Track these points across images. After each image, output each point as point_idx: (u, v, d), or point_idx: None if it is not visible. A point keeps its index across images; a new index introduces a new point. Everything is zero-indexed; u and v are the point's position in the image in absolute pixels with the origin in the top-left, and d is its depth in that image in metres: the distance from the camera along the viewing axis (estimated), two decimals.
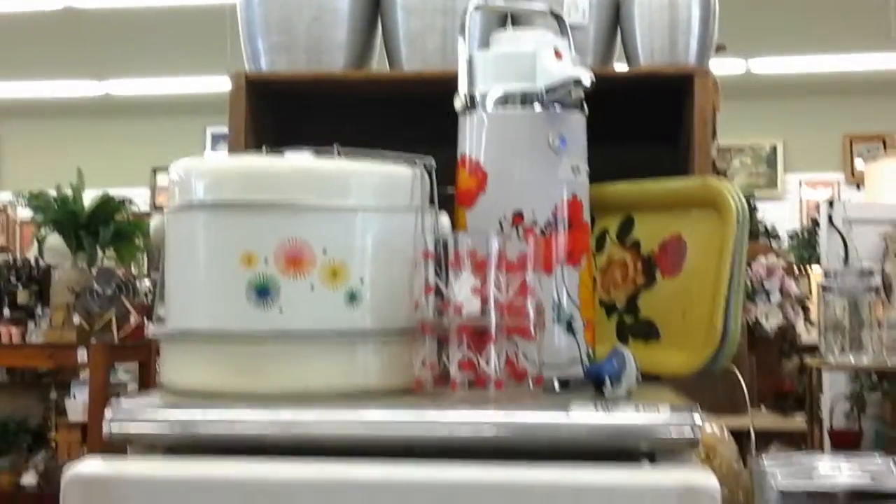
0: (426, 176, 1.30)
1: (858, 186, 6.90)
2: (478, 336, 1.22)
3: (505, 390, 1.21)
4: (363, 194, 1.24)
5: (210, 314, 1.24)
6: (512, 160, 1.33)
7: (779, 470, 1.38)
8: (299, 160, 1.25)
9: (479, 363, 1.21)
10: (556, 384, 1.31)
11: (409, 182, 1.28)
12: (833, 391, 4.36)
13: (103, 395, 4.81)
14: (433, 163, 1.32)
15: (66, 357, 4.83)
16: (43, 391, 5.36)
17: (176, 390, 1.25)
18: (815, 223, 5.27)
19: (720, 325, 1.35)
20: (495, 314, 1.21)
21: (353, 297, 1.23)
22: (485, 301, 1.21)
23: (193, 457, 1.09)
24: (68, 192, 4.95)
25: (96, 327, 4.88)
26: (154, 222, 1.32)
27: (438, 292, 1.24)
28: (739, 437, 2.14)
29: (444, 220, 1.32)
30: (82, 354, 4.79)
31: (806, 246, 5.55)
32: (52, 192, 4.95)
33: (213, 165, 1.27)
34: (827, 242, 4.40)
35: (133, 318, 5.01)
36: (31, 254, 5.55)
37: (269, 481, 1.05)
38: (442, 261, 1.25)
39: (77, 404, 5.08)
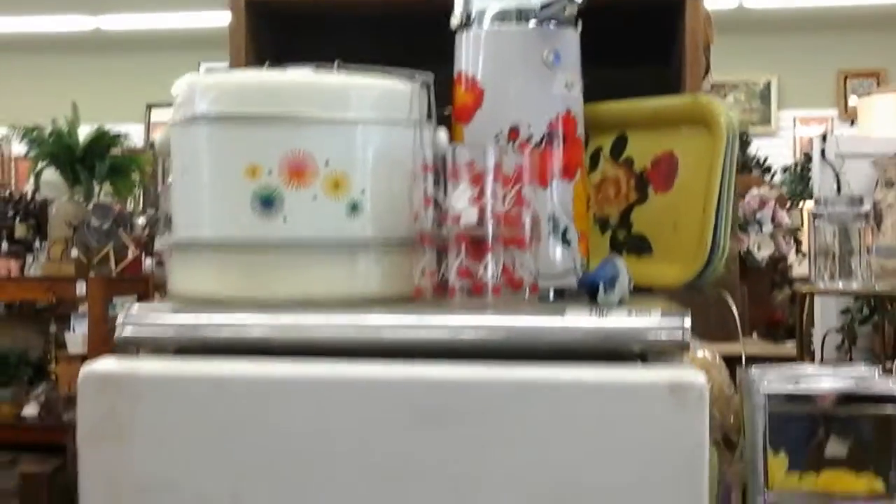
0: (425, 91, 1.34)
1: (852, 123, 6.92)
2: (475, 246, 1.26)
3: (502, 297, 1.25)
4: (363, 107, 1.27)
5: (216, 224, 1.28)
6: (507, 76, 1.36)
7: (766, 377, 1.43)
8: (301, 74, 1.28)
9: (476, 271, 1.25)
10: (551, 293, 1.35)
11: (409, 96, 1.31)
12: (824, 325, 4.42)
13: (103, 327, 4.87)
14: (431, 79, 1.35)
15: (65, 290, 4.88)
16: (42, 325, 5.40)
17: (183, 298, 1.29)
18: (808, 158, 5.30)
19: (710, 237, 1.39)
20: (492, 224, 1.25)
21: (354, 208, 1.27)
22: (482, 211, 1.25)
23: (202, 357, 1.14)
24: (63, 126, 4.96)
25: (94, 261, 4.92)
26: (159, 136, 1.35)
27: (437, 204, 1.28)
28: (731, 363, 2.19)
29: (442, 134, 1.35)
30: (81, 287, 4.84)
31: (798, 181, 5.59)
32: (47, 127, 4.96)
33: (217, 80, 1.30)
34: (819, 177, 4.43)
35: (131, 252, 5.05)
36: (28, 188, 5.56)
37: (275, 378, 1.10)
38: (440, 173, 1.29)
39: (76, 337, 5.13)
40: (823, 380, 1.43)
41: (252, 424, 1.09)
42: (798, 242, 4.08)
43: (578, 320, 1.18)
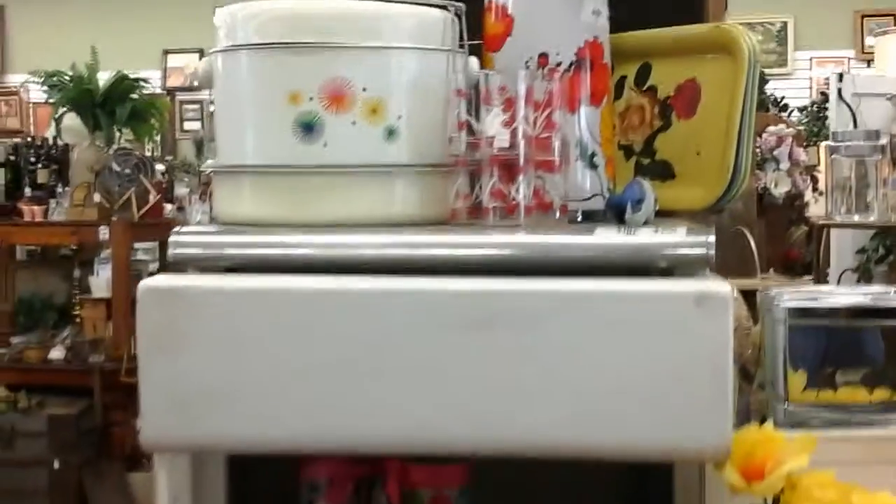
0: (457, 20, 1.38)
1: (869, 64, 6.91)
2: (508, 168, 1.32)
3: (533, 218, 1.31)
4: (399, 35, 1.32)
5: (259, 150, 1.33)
6: (536, 4, 1.41)
7: (786, 294, 1.49)
8: (339, 3, 1.33)
9: (509, 192, 1.31)
10: (580, 215, 1.41)
11: (442, 24, 1.36)
12: (840, 265, 4.47)
13: (126, 271, 4.95)
14: (463, 9, 1.39)
15: (89, 234, 4.96)
16: (66, 270, 5.49)
17: (227, 222, 1.35)
18: (825, 98, 5.32)
19: (732, 161, 1.44)
20: (524, 147, 1.31)
21: (391, 133, 1.32)
22: (514, 135, 1.31)
23: (251, 274, 1.20)
24: (83, 71, 5.00)
25: (116, 206, 4.98)
26: (202, 64, 1.40)
27: (470, 129, 1.33)
28: (749, 297, 2.25)
29: (474, 61, 1.40)
30: (104, 232, 4.91)
31: (815, 121, 5.60)
32: (67, 73, 5.00)
33: (258, 9, 1.34)
34: (836, 116, 4.46)
35: (152, 197, 5.12)
36: (49, 134, 5.62)
37: (324, 291, 1.16)
38: (473, 99, 1.34)
39: (100, 281, 5.21)
40: (840, 297, 1.48)
41: (302, 334, 1.15)
42: (815, 180, 4.12)
43: (608, 237, 1.24)
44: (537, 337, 1.15)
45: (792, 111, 5.30)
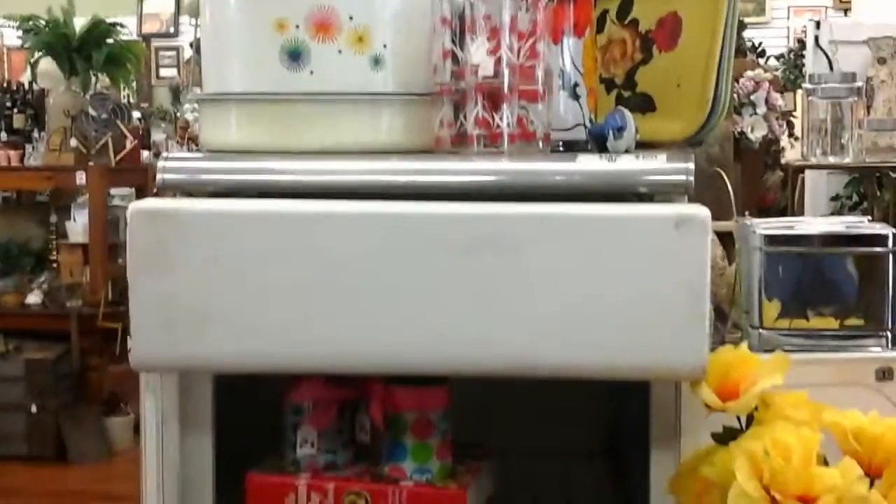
0: None
1: (846, 13, 6.93)
2: (492, 97, 1.33)
3: (516, 146, 1.33)
4: None
5: (246, 78, 1.34)
6: None
7: (762, 224, 1.52)
8: None
9: (493, 121, 1.33)
10: (561, 145, 1.43)
11: None
12: (814, 211, 4.52)
13: (103, 216, 4.94)
14: None
15: (66, 179, 4.94)
16: (42, 215, 5.47)
17: (214, 149, 1.37)
18: (802, 45, 5.34)
19: (712, 93, 1.47)
20: (508, 75, 1.32)
21: (377, 62, 1.34)
22: (498, 63, 1.32)
23: (238, 199, 1.22)
24: (59, 16, 4.96)
25: (93, 151, 4.96)
26: None
27: (455, 58, 1.35)
28: (724, 239, 2.28)
29: None
30: (81, 177, 4.90)
31: (792, 68, 5.63)
32: (42, 18, 4.96)
33: None
34: (813, 63, 4.48)
35: (129, 143, 5.10)
36: (24, 79, 5.57)
37: (312, 214, 1.18)
38: (458, 28, 1.35)
39: (77, 226, 5.20)
40: (815, 226, 1.52)
41: (287, 256, 1.17)
42: (791, 126, 4.15)
43: (590, 164, 1.26)
44: (519, 260, 1.17)
45: (769, 58, 5.32)
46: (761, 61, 4.96)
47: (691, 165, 1.26)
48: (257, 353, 1.19)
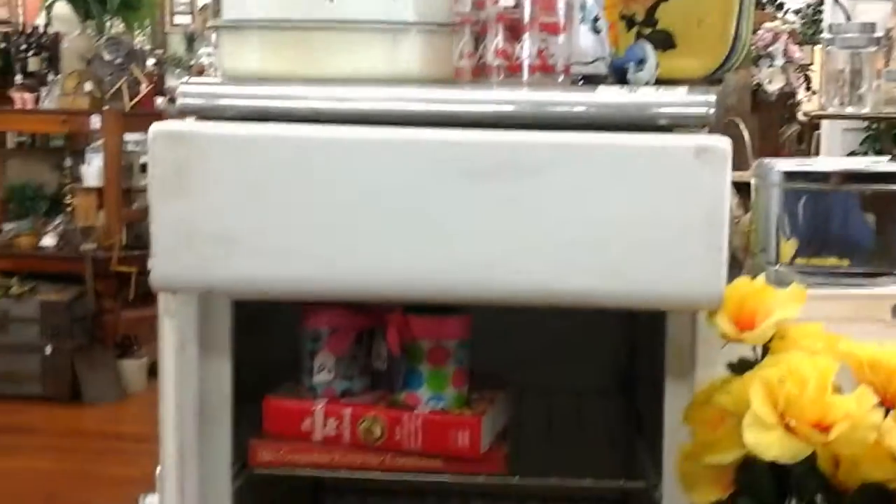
0: None
1: None
2: (512, 28, 1.33)
3: (536, 77, 1.32)
4: None
5: (265, 4, 1.34)
6: None
7: (781, 161, 1.52)
8: None
9: (513, 52, 1.32)
10: (582, 79, 1.42)
11: None
12: None
13: (117, 160, 4.96)
14: None
15: (80, 123, 4.95)
16: (57, 160, 5.49)
17: (232, 76, 1.37)
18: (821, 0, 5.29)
19: (733, 30, 1.46)
20: (529, 6, 1.32)
21: None
22: None
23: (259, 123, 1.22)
24: None
25: (108, 95, 4.97)
26: None
27: None
28: (740, 188, 2.28)
29: None
30: (95, 121, 4.90)
31: (810, 24, 5.59)
32: None
33: None
34: (831, 17, 4.45)
35: (143, 87, 5.10)
36: (40, 22, 5.56)
37: (332, 139, 1.18)
38: None
39: (91, 170, 5.22)
40: (834, 164, 1.51)
41: (307, 181, 1.18)
42: (808, 79, 4.13)
43: (610, 95, 1.26)
44: (539, 188, 1.17)
45: (787, 11, 5.28)
46: (779, 14, 4.92)
47: (712, 98, 1.26)
48: (277, 278, 1.20)
